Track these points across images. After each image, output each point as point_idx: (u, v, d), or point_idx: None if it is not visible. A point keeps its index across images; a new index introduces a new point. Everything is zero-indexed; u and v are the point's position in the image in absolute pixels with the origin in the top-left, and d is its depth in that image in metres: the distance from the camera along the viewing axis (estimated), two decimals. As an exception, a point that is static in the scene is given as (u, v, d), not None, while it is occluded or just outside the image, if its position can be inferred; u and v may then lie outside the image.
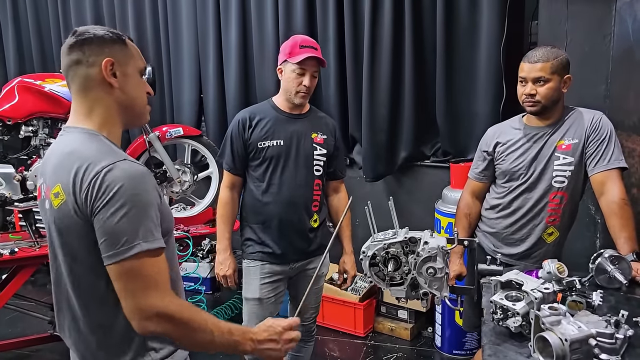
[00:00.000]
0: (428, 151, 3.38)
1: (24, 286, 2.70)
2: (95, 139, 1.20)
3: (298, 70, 2.12)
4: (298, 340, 1.32)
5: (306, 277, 2.33)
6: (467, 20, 3.01)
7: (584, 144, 2.03)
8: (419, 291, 1.64)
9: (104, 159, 1.14)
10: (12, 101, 2.76)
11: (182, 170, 3.15)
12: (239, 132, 2.20)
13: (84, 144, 1.19)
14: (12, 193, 2.72)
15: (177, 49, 3.87)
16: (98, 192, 1.11)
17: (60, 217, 1.18)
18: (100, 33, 1.23)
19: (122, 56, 1.24)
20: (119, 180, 1.11)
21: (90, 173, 1.12)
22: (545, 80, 1.98)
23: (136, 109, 1.29)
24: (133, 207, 1.11)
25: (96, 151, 1.16)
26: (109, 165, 1.12)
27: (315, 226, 2.27)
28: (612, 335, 1.27)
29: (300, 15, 3.40)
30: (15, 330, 3.43)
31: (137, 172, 1.15)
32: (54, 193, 1.18)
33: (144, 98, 1.30)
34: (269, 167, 2.19)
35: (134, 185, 1.12)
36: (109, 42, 1.24)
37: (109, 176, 1.11)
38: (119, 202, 1.10)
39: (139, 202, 1.12)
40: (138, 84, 1.28)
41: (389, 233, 1.67)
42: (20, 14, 4.47)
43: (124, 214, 1.10)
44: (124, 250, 1.10)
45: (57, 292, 1.30)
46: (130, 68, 1.26)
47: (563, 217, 2.11)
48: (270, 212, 2.20)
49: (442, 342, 3.14)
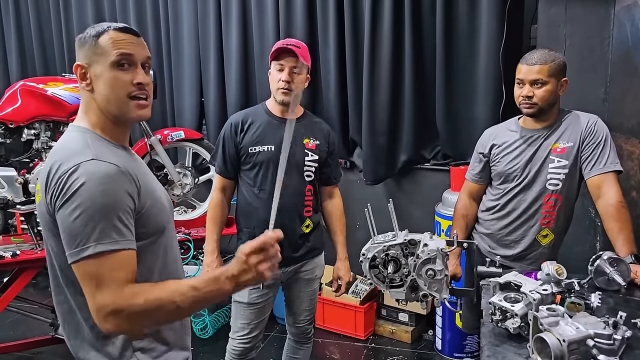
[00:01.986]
0: (428, 154, 3.39)
1: (25, 289, 2.71)
2: (81, 137, 1.22)
3: (277, 66, 2.13)
4: (276, 253, 1.21)
5: (300, 280, 2.33)
6: (467, 24, 3.02)
7: (579, 148, 2.04)
8: (419, 293, 1.65)
9: (75, 158, 1.15)
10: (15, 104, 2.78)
11: (183, 173, 3.16)
12: (231, 136, 2.21)
13: (67, 142, 1.22)
14: (14, 196, 2.74)
15: (178, 53, 3.89)
16: (61, 190, 1.12)
17: (39, 214, 1.23)
18: (81, 35, 1.26)
19: (91, 57, 1.23)
20: (80, 180, 1.11)
21: (59, 171, 1.14)
22: (542, 83, 1.99)
23: (112, 106, 1.24)
24: (88, 207, 1.10)
25: (72, 150, 1.18)
26: (77, 164, 1.13)
27: (308, 231, 2.26)
28: (610, 337, 1.27)
29: (300, 20, 3.41)
30: (16, 332, 3.43)
31: (101, 172, 1.14)
32: (37, 190, 1.23)
33: (118, 93, 1.23)
34: (260, 172, 2.19)
35: (94, 185, 1.11)
36: (80, 44, 1.25)
37: (73, 175, 1.12)
38: (76, 201, 1.11)
39: (95, 203, 1.11)
40: (109, 81, 1.22)
41: (389, 235, 1.68)
42: (22, 18, 4.48)
43: (79, 214, 1.10)
44: (78, 251, 1.11)
45: (56, 290, 1.30)
46: (100, 67, 1.22)
47: (558, 219, 2.12)
48: (260, 217, 2.18)
49: (443, 345, 3.14)
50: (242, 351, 2.27)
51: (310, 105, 3.47)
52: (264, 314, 2.29)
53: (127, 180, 1.18)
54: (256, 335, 2.28)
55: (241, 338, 2.26)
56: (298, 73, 2.13)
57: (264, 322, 2.31)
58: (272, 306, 2.36)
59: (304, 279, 2.34)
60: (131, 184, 1.18)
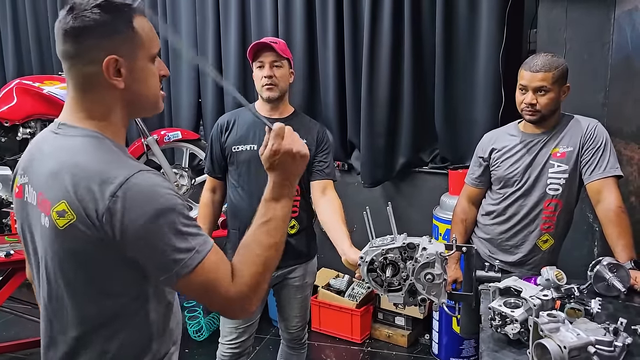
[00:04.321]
0: (426, 157, 3.38)
1: (19, 289, 2.68)
2: (101, 145, 1.04)
3: (257, 64, 2.12)
4: (282, 130, 1.16)
5: (289, 287, 2.28)
6: (467, 27, 3.01)
7: (579, 152, 2.03)
8: (417, 297, 1.63)
9: (119, 171, 0.99)
10: (10, 103, 2.76)
11: (179, 174, 3.15)
12: (217, 136, 2.21)
13: (90, 153, 1.02)
14: (8, 195, 2.71)
15: (176, 53, 3.87)
16: (123, 211, 0.96)
17: (66, 239, 1.01)
18: (101, 18, 1.00)
19: (129, 48, 1.04)
20: (141, 195, 0.97)
21: (106, 192, 0.96)
22: (546, 90, 1.97)
23: (147, 103, 1.11)
24: (170, 216, 0.99)
25: (108, 162, 1.01)
26: (127, 179, 0.97)
27: (293, 232, 2.20)
28: (610, 343, 1.26)
29: (299, 21, 3.40)
30: (9, 333, 3.40)
31: (157, 181, 1.01)
32: (57, 211, 0.99)
33: (156, 88, 1.11)
34: (242, 172, 2.17)
35: (159, 195, 0.99)
36: (110, 31, 1.01)
37: (129, 192, 0.97)
38: (151, 217, 0.97)
39: (172, 212, 0.99)
40: (149, 76, 1.08)
41: (387, 239, 1.66)
42: (19, 16, 4.46)
43: (166, 228, 0.98)
44: (186, 261, 1.00)
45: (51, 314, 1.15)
46: (139, 61, 1.06)
47: (558, 224, 2.11)
48: (244, 218, 2.14)
49: (439, 349, 3.13)
50: (231, 356, 2.23)
51: (308, 106, 3.45)
52: (252, 318, 2.25)
53: (166, 181, 1.07)
54: (245, 340, 2.24)
55: (229, 343, 2.22)
56: (279, 67, 2.11)
57: (254, 326, 2.27)
58: (262, 310, 2.32)
59: (293, 286, 2.28)
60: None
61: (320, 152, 2.21)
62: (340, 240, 1.90)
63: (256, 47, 2.11)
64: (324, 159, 2.22)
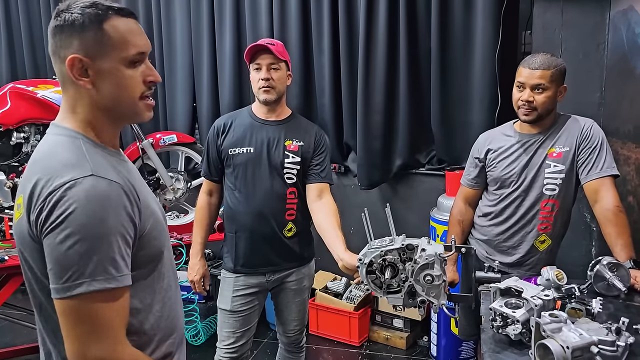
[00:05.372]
0: (423, 159, 3.37)
1: (13, 295, 2.65)
2: (72, 143, 1.02)
3: (254, 66, 2.11)
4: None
5: (286, 290, 2.26)
6: (462, 28, 3.02)
7: (575, 152, 2.03)
8: (417, 299, 1.62)
9: (68, 172, 0.96)
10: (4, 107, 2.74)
11: (175, 178, 3.13)
12: (213, 139, 2.20)
13: (57, 150, 1.01)
14: (2, 200, 2.69)
15: (171, 57, 3.85)
16: (50, 212, 0.93)
17: (17, 232, 1.02)
18: (72, 16, 1.00)
19: (95, 48, 1.01)
20: (73, 203, 0.93)
21: (47, 188, 0.95)
22: (544, 88, 1.97)
23: (123, 108, 1.07)
24: (83, 238, 0.93)
25: (62, 161, 0.99)
26: (72, 180, 0.95)
27: (290, 235, 2.18)
28: (613, 343, 1.26)
29: (294, 25, 3.39)
30: (4, 339, 3.36)
31: (101, 192, 0.96)
32: (17, 203, 1.01)
33: (131, 94, 1.06)
34: (239, 175, 2.15)
35: (90, 211, 0.93)
36: (79, 30, 1.00)
37: (66, 194, 0.93)
38: (69, 228, 0.93)
39: (93, 231, 0.93)
40: (121, 79, 1.04)
41: (386, 240, 1.65)
42: (12, 20, 4.43)
43: (72, 244, 0.92)
44: (67, 287, 0.93)
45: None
46: (108, 62, 1.02)
47: (555, 224, 2.11)
48: (240, 221, 2.15)
49: (438, 351, 3.11)
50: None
51: (305, 109, 3.44)
52: (250, 322, 2.23)
53: (129, 201, 1.00)
54: (243, 344, 2.22)
55: (227, 347, 2.20)
56: (277, 69, 2.10)
57: (251, 330, 2.25)
58: (260, 314, 2.30)
59: (290, 289, 2.26)
60: (133, 205, 1.01)
61: (317, 155, 2.20)
62: (335, 246, 1.89)
63: (254, 49, 2.10)
64: (320, 162, 2.20)
